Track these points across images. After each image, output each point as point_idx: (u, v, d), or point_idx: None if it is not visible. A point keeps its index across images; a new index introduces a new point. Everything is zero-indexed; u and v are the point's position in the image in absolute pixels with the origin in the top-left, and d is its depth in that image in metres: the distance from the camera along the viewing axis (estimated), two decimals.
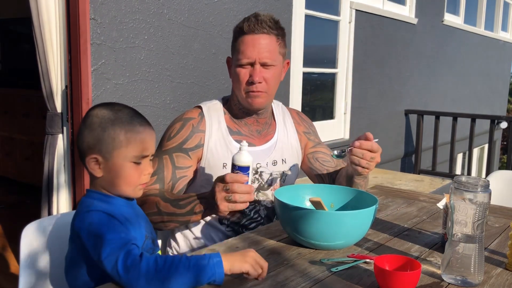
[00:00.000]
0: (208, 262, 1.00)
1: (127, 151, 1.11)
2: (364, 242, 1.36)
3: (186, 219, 1.42)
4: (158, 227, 1.46)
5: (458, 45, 6.73)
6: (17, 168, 4.65)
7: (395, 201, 1.83)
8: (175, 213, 1.41)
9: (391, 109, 5.30)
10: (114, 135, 1.10)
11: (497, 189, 2.07)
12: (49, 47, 2.25)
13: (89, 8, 2.30)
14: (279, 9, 3.50)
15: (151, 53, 2.64)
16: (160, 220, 1.43)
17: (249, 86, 1.54)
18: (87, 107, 2.30)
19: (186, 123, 1.59)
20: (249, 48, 1.52)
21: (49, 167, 2.33)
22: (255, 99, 1.56)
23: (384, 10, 4.87)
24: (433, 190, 3.96)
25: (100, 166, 1.11)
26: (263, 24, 1.52)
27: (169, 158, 1.54)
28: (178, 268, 0.97)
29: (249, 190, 1.30)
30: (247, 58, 1.52)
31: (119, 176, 1.12)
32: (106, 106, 1.15)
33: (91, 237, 1.03)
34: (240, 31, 1.54)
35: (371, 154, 1.40)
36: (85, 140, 1.12)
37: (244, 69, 1.54)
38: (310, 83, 4.31)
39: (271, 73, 1.55)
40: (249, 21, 1.53)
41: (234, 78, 1.58)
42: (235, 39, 1.57)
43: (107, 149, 1.10)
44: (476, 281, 1.10)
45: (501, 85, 9.00)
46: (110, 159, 1.11)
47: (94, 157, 1.11)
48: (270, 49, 1.53)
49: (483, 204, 1.09)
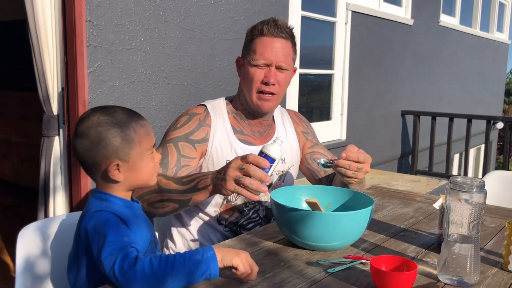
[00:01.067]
0: (202, 256, 1.01)
1: (142, 147, 1.15)
2: (360, 243, 1.36)
3: (187, 198, 1.38)
4: (153, 211, 1.42)
5: (454, 46, 6.75)
6: (14, 170, 4.64)
7: (391, 202, 1.84)
8: (176, 189, 1.38)
9: (387, 110, 5.31)
10: (126, 137, 1.12)
11: (493, 189, 2.08)
12: (45, 49, 2.24)
13: (85, 10, 2.29)
14: (276, 11, 3.50)
15: (148, 54, 2.64)
16: (159, 199, 1.39)
17: (262, 86, 1.57)
18: (83, 109, 2.29)
19: (193, 117, 1.60)
20: (267, 50, 1.56)
21: (45, 169, 2.32)
22: (266, 102, 1.59)
23: (380, 11, 4.88)
24: (429, 190, 3.97)
25: (120, 170, 1.13)
26: (281, 29, 1.57)
27: (173, 146, 1.54)
28: (173, 267, 0.98)
29: (264, 178, 1.26)
30: (264, 59, 1.56)
31: (139, 171, 1.15)
32: (98, 113, 1.14)
33: (95, 235, 1.05)
34: (258, 32, 1.57)
35: (358, 164, 1.40)
36: (97, 154, 1.11)
37: (260, 69, 1.57)
38: (307, 84, 4.32)
39: (284, 76, 1.59)
40: (268, 24, 1.57)
41: (247, 77, 1.59)
42: (251, 40, 1.60)
43: (124, 152, 1.12)
44: (472, 281, 1.11)
45: (497, 85, 9.03)
46: (129, 160, 1.13)
47: (115, 164, 1.12)
48: (286, 53, 1.58)
49: (479, 205, 1.09)
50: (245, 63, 1.61)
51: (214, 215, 1.60)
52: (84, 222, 1.09)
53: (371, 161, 1.45)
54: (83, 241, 1.09)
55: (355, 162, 1.40)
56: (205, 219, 1.61)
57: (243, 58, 1.63)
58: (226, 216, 1.60)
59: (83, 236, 1.08)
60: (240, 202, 1.61)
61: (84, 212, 1.12)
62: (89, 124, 1.12)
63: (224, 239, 1.58)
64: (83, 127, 1.13)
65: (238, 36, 3.13)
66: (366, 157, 1.42)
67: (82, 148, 1.13)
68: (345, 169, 1.40)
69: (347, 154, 1.40)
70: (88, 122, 1.13)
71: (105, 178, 1.14)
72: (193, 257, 1.00)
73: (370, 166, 1.44)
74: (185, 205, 1.41)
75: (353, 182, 1.45)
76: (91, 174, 1.17)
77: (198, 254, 1.01)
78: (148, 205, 1.41)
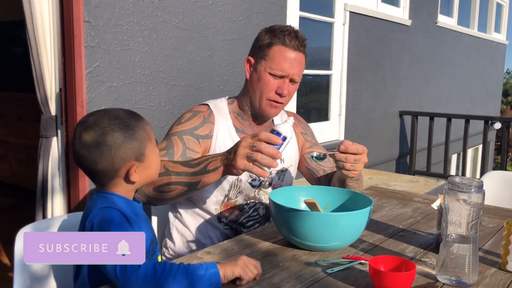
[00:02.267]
0: (205, 272, 1.01)
1: (151, 144, 1.16)
2: (359, 243, 1.36)
3: (196, 180, 1.36)
4: (159, 194, 1.39)
5: (451, 47, 6.76)
6: (12, 172, 4.63)
7: (390, 202, 1.84)
8: (185, 172, 1.37)
9: (385, 110, 5.32)
10: (139, 138, 1.13)
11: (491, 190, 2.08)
12: (43, 50, 2.24)
13: (83, 10, 2.29)
14: (274, 11, 3.50)
15: (146, 55, 2.64)
16: (167, 182, 1.37)
17: (275, 96, 1.59)
18: (81, 110, 2.29)
19: (197, 114, 1.61)
20: (286, 62, 1.56)
21: (43, 171, 2.32)
22: (273, 109, 1.62)
23: (378, 12, 4.88)
24: (428, 190, 3.97)
25: (136, 170, 1.13)
26: (301, 42, 1.58)
27: (178, 138, 1.53)
28: (176, 277, 0.98)
29: (275, 154, 1.25)
30: (283, 72, 1.57)
31: (151, 168, 1.17)
32: (105, 118, 1.12)
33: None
34: (279, 41, 1.56)
35: (355, 156, 1.40)
36: (116, 159, 1.10)
37: (275, 79, 1.58)
38: (305, 85, 4.32)
39: (294, 88, 1.63)
40: (290, 35, 1.57)
41: (259, 83, 1.59)
42: (269, 45, 1.58)
43: (140, 152, 1.13)
44: (471, 281, 1.11)
45: (495, 86, 9.05)
46: (144, 159, 1.14)
47: (135, 166, 1.13)
48: (301, 67, 1.61)
49: (477, 205, 1.09)
50: (259, 67, 1.59)
51: (215, 213, 1.61)
52: (90, 218, 1.08)
53: (369, 161, 1.45)
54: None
55: (351, 154, 1.39)
56: (205, 217, 1.61)
57: (256, 60, 1.61)
58: (227, 214, 1.61)
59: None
60: (240, 200, 1.62)
61: (89, 209, 1.11)
62: (101, 131, 1.09)
63: (224, 237, 1.58)
64: (94, 135, 1.09)
65: (236, 36, 3.13)
66: (362, 148, 1.42)
67: (97, 156, 1.09)
68: (343, 162, 1.40)
69: (345, 146, 1.39)
70: (100, 129, 1.10)
71: (124, 181, 1.13)
72: (196, 272, 1.00)
73: (367, 156, 1.43)
74: (194, 187, 1.38)
75: (353, 175, 1.44)
76: (102, 180, 1.14)
77: (202, 269, 1.01)
78: (155, 189, 1.38)
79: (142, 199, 1.40)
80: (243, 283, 1.06)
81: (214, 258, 1.23)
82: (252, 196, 1.63)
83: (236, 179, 1.59)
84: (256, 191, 1.64)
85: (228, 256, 1.25)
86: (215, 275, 1.02)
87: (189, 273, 0.99)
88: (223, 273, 1.03)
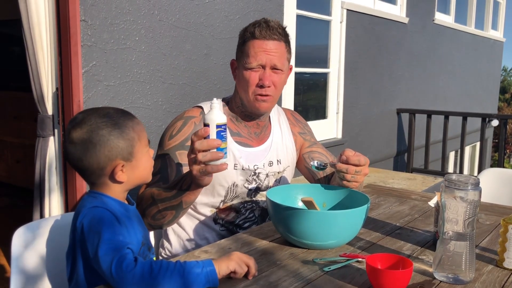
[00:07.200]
0: (202, 270, 1.01)
1: (141, 144, 1.15)
2: (356, 241, 1.36)
3: (178, 202, 1.36)
4: (157, 222, 1.42)
5: (449, 44, 6.77)
6: (9, 171, 4.62)
7: (387, 200, 1.84)
8: (167, 197, 1.37)
9: (383, 108, 5.32)
10: (127, 137, 1.12)
11: (488, 187, 2.09)
12: (39, 49, 2.23)
13: (79, 9, 2.28)
14: (271, 9, 3.50)
15: (142, 54, 2.63)
16: (157, 210, 1.39)
17: (258, 89, 1.56)
18: (78, 109, 2.28)
19: (188, 121, 1.59)
20: (260, 52, 1.54)
21: (40, 170, 2.31)
22: (262, 103, 1.58)
23: (375, 10, 4.88)
24: (425, 188, 3.98)
25: (123, 170, 1.13)
26: (274, 30, 1.55)
27: (172, 157, 1.53)
28: (172, 275, 0.98)
29: (211, 144, 1.20)
30: (258, 62, 1.54)
31: (141, 169, 1.16)
32: (93, 116, 1.12)
33: (90, 232, 1.04)
34: (250, 35, 1.56)
35: (356, 168, 1.37)
36: (102, 157, 1.10)
37: (254, 72, 1.56)
38: (303, 83, 4.32)
39: (279, 77, 1.58)
40: (260, 26, 1.55)
41: (242, 81, 1.58)
42: (243, 43, 1.58)
43: (128, 152, 1.12)
44: (468, 279, 1.11)
45: (492, 83, 9.06)
46: (132, 159, 1.14)
47: (121, 165, 1.12)
48: (279, 54, 1.56)
49: (474, 202, 1.10)
50: (240, 66, 1.60)
51: (210, 214, 1.60)
52: (79, 219, 1.08)
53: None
54: (78, 238, 1.08)
55: (353, 166, 1.37)
56: (201, 218, 1.61)
57: (237, 61, 1.62)
58: (223, 215, 1.60)
59: (78, 232, 1.08)
60: (236, 202, 1.61)
61: (79, 209, 1.11)
62: (88, 128, 1.10)
63: (220, 238, 1.58)
64: (81, 132, 1.10)
65: (233, 35, 3.13)
66: (364, 159, 1.40)
67: (82, 153, 1.10)
68: (343, 174, 1.38)
69: (347, 156, 1.38)
70: (86, 126, 1.10)
71: (110, 180, 1.13)
72: (193, 270, 1.00)
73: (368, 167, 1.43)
74: (180, 209, 1.40)
75: (353, 186, 1.42)
76: (91, 178, 1.14)
77: (198, 267, 1.01)
78: (151, 218, 1.41)
79: (149, 228, 1.43)
80: (237, 276, 1.07)
81: (211, 257, 1.23)
82: (248, 199, 1.63)
83: (232, 185, 1.58)
84: (253, 194, 1.63)
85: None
86: (212, 273, 1.02)
87: (185, 271, 0.99)
88: (218, 269, 1.03)
